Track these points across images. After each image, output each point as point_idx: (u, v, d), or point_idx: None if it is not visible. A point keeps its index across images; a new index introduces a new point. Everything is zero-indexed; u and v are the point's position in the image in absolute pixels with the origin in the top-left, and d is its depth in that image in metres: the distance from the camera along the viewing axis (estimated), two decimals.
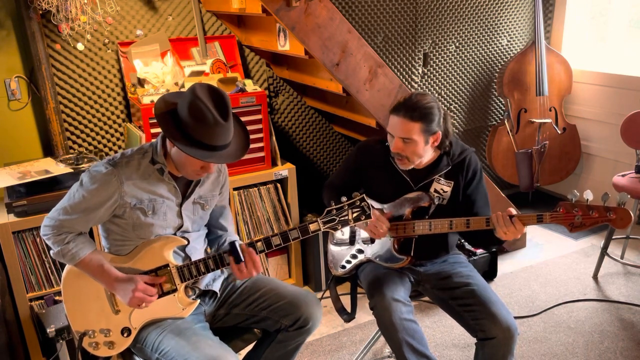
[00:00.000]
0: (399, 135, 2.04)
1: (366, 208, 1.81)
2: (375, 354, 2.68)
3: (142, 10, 3.04)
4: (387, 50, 3.49)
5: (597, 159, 4.09)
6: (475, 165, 2.18)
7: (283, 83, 3.50)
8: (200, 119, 1.69)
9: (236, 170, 2.97)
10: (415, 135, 2.02)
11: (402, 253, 2.17)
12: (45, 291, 2.64)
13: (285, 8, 2.47)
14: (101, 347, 1.88)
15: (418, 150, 2.05)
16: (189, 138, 1.72)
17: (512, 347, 1.97)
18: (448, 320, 2.86)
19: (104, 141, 3.11)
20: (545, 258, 3.54)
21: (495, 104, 4.11)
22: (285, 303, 1.96)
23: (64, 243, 1.81)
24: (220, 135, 1.73)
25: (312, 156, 3.73)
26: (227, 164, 2.09)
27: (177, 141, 1.71)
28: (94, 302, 1.88)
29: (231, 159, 1.80)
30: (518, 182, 4.03)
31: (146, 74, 2.90)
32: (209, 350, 1.73)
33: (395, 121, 2.04)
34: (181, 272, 1.86)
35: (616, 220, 1.85)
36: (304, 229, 1.82)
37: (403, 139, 2.03)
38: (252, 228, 3.11)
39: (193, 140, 1.71)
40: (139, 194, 1.82)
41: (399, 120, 2.03)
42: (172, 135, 1.72)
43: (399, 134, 2.04)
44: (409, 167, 2.12)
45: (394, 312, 1.97)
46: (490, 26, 3.85)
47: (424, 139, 2.04)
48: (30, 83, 2.88)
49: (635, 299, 3.04)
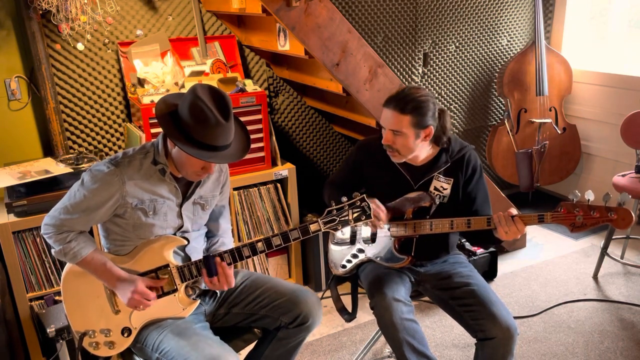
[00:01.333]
0: (389, 128, 2.05)
1: (366, 208, 1.81)
2: (375, 354, 2.68)
3: (142, 10, 3.03)
4: (387, 50, 3.49)
5: (597, 159, 4.09)
6: (475, 161, 2.18)
7: (283, 83, 3.50)
8: (201, 120, 1.69)
9: (236, 170, 2.97)
10: (405, 128, 2.02)
11: (403, 253, 2.17)
12: (45, 291, 2.64)
13: (285, 8, 2.47)
14: (101, 347, 1.88)
15: (408, 144, 2.05)
16: (190, 138, 1.72)
17: (511, 347, 1.97)
18: (448, 320, 2.86)
19: (104, 141, 3.11)
20: (545, 258, 3.54)
21: (495, 104, 4.11)
22: (284, 300, 1.96)
23: (66, 242, 1.81)
24: (221, 136, 1.73)
25: (312, 156, 3.73)
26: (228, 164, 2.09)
27: (179, 141, 1.71)
28: (94, 302, 1.88)
29: (232, 159, 1.81)
30: (518, 182, 4.03)
31: (146, 74, 2.90)
32: (209, 350, 1.73)
33: (386, 113, 2.05)
34: (181, 272, 1.86)
35: (617, 220, 1.85)
36: (304, 230, 1.83)
37: (393, 131, 2.04)
38: (252, 228, 3.10)
39: (194, 140, 1.71)
40: (141, 194, 1.82)
41: (390, 113, 2.04)
42: (173, 136, 1.72)
43: (389, 126, 2.05)
44: (401, 161, 2.13)
45: (394, 312, 1.97)
46: (490, 26, 3.85)
47: (414, 133, 2.04)
48: (30, 83, 2.88)
49: (635, 299, 3.04)
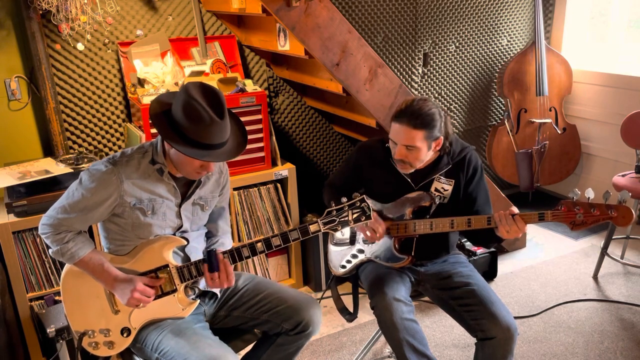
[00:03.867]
0: (403, 143, 2.03)
1: (366, 209, 1.81)
2: (375, 354, 2.68)
3: (142, 10, 3.03)
4: (387, 50, 3.49)
5: (597, 159, 4.09)
6: (476, 162, 2.18)
7: (283, 83, 3.50)
8: (195, 119, 1.68)
9: (236, 170, 2.97)
10: (419, 142, 2.02)
11: (403, 252, 2.17)
12: (45, 291, 2.64)
13: (285, 8, 2.47)
14: (101, 347, 1.88)
15: (421, 156, 2.06)
16: (186, 138, 1.71)
17: (511, 347, 1.97)
18: (448, 320, 2.86)
19: (104, 141, 3.11)
20: (545, 258, 3.54)
21: (495, 104, 4.11)
22: (286, 307, 1.96)
23: (63, 242, 1.80)
24: (217, 134, 1.72)
25: (312, 156, 3.73)
26: (228, 164, 2.09)
27: (174, 142, 1.70)
28: (94, 302, 1.88)
29: (229, 157, 1.80)
30: (518, 182, 4.03)
31: (146, 74, 2.90)
32: (209, 350, 1.73)
33: (398, 129, 2.03)
34: (181, 273, 1.86)
35: (618, 217, 1.85)
36: (304, 230, 1.82)
37: (407, 146, 2.03)
38: (252, 228, 3.10)
39: (190, 140, 1.70)
40: (139, 194, 1.81)
41: (402, 129, 2.02)
42: (168, 137, 1.72)
43: (402, 142, 2.03)
44: (410, 171, 2.13)
45: (395, 312, 1.97)
46: (490, 26, 3.85)
47: (427, 145, 2.04)
48: (30, 83, 2.88)
49: (635, 299, 3.04)
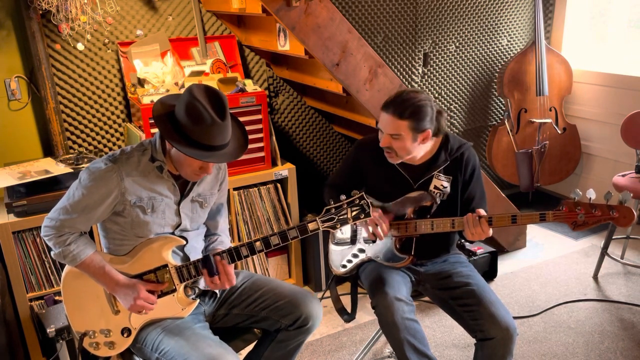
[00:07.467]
0: (388, 132, 2.06)
1: (365, 206, 1.80)
2: (375, 354, 2.68)
3: (142, 10, 3.03)
4: (387, 50, 3.49)
5: (597, 159, 4.09)
6: (474, 161, 2.19)
7: (283, 83, 3.50)
8: (197, 120, 1.69)
9: (236, 170, 2.97)
10: (404, 132, 2.03)
11: (404, 252, 2.17)
12: (45, 291, 2.64)
13: (285, 8, 2.47)
14: (101, 347, 1.88)
15: (406, 146, 2.06)
16: (187, 139, 1.72)
17: (511, 348, 1.97)
18: (448, 320, 2.86)
19: (104, 141, 3.11)
20: (545, 258, 3.54)
21: (495, 104, 4.11)
22: (285, 302, 1.96)
23: (65, 244, 1.80)
24: (218, 135, 1.73)
25: (312, 156, 3.73)
26: (227, 164, 2.09)
27: (176, 142, 1.71)
28: (94, 302, 1.88)
29: (230, 158, 1.80)
30: (518, 182, 4.03)
31: (146, 74, 2.90)
32: (209, 350, 1.73)
33: (385, 118, 2.06)
34: (180, 272, 1.86)
35: (619, 218, 1.85)
36: (302, 228, 1.82)
37: (391, 135, 2.05)
38: (252, 228, 3.10)
39: (191, 140, 1.71)
40: (139, 191, 1.81)
41: (388, 117, 2.04)
42: (170, 137, 1.73)
43: (387, 131, 2.06)
44: (397, 162, 2.13)
45: (396, 311, 1.97)
46: (490, 26, 3.85)
47: (412, 136, 2.04)
48: (30, 83, 2.88)
49: (635, 299, 3.04)
